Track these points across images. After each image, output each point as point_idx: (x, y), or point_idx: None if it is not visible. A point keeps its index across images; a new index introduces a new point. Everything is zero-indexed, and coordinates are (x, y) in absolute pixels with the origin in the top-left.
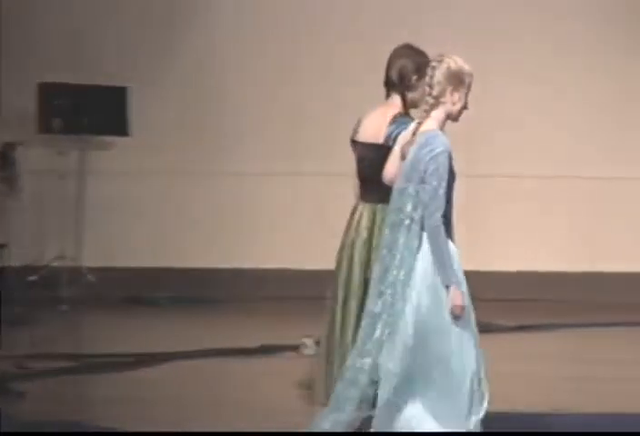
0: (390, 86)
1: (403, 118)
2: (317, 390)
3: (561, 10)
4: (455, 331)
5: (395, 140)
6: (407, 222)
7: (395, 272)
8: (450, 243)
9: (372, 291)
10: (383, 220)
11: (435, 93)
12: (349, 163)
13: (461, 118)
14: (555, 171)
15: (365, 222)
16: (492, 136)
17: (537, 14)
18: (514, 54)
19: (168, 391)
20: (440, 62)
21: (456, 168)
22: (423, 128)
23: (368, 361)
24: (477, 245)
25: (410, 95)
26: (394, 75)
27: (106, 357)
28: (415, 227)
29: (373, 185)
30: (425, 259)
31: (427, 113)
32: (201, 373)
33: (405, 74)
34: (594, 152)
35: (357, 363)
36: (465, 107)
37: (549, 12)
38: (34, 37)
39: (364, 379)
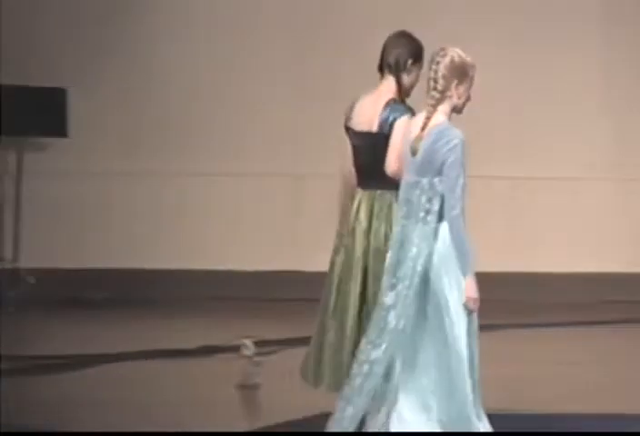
0: (385, 69)
1: (396, 104)
2: (309, 376)
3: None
4: (463, 326)
5: (390, 126)
6: (422, 214)
7: (410, 264)
8: None
9: (384, 284)
10: (381, 207)
11: (440, 87)
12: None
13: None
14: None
15: (363, 210)
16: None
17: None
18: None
19: (107, 392)
20: (443, 56)
21: None
22: (432, 122)
23: (381, 351)
24: None
25: (405, 79)
26: (390, 59)
27: (43, 359)
28: (432, 219)
29: (370, 173)
30: (441, 250)
31: (434, 107)
32: (140, 374)
33: (401, 58)
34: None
35: (372, 356)
36: (468, 99)
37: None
38: None
39: (379, 370)
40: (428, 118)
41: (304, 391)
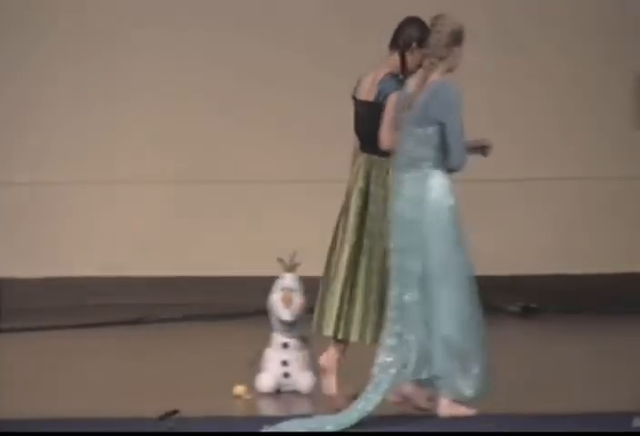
0: (393, 47)
1: (391, 79)
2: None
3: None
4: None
5: (384, 98)
6: (416, 162)
7: (408, 208)
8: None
9: (397, 229)
10: (379, 172)
11: (441, 54)
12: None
13: None
14: None
15: (362, 172)
16: None
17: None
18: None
19: None
20: (443, 25)
21: None
22: (429, 80)
23: (413, 294)
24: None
25: (408, 58)
26: (399, 38)
27: None
28: (425, 165)
29: (368, 138)
30: (434, 198)
31: (432, 70)
32: None
33: (408, 39)
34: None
35: (404, 298)
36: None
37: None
38: None
39: (415, 312)
40: (425, 77)
41: None
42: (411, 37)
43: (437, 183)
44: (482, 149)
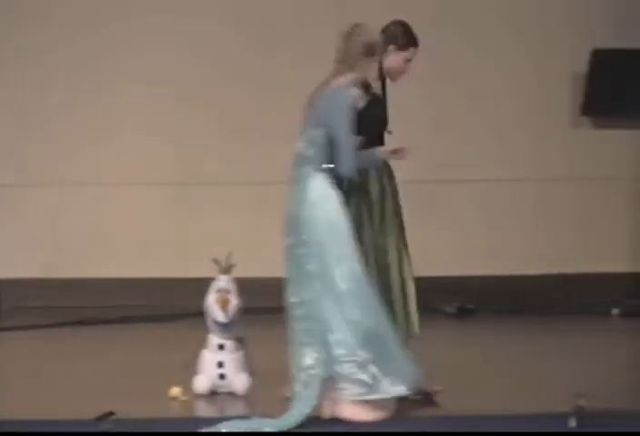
0: None
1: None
2: None
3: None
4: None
5: None
6: (303, 161)
7: (295, 207)
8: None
9: (289, 227)
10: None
11: (351, 62)
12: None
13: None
14: None
15: None
16: None
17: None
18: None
19: None
20: (359, 35)
21: None
22: (332, 83)
23: (311, 293)
24: None
25: (385, 61)
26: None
27: None
28: (308, 165)
29: None
30: (313, 201)
31: (339, 75)
32: None
33: (386, 41)
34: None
35: (304, 297)
36: (380, 75)
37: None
38: None
39: (315, 311)
40: (329, 81)
41: None
42: (387, 40)
43: (316, 186)
44: (396, 152)
